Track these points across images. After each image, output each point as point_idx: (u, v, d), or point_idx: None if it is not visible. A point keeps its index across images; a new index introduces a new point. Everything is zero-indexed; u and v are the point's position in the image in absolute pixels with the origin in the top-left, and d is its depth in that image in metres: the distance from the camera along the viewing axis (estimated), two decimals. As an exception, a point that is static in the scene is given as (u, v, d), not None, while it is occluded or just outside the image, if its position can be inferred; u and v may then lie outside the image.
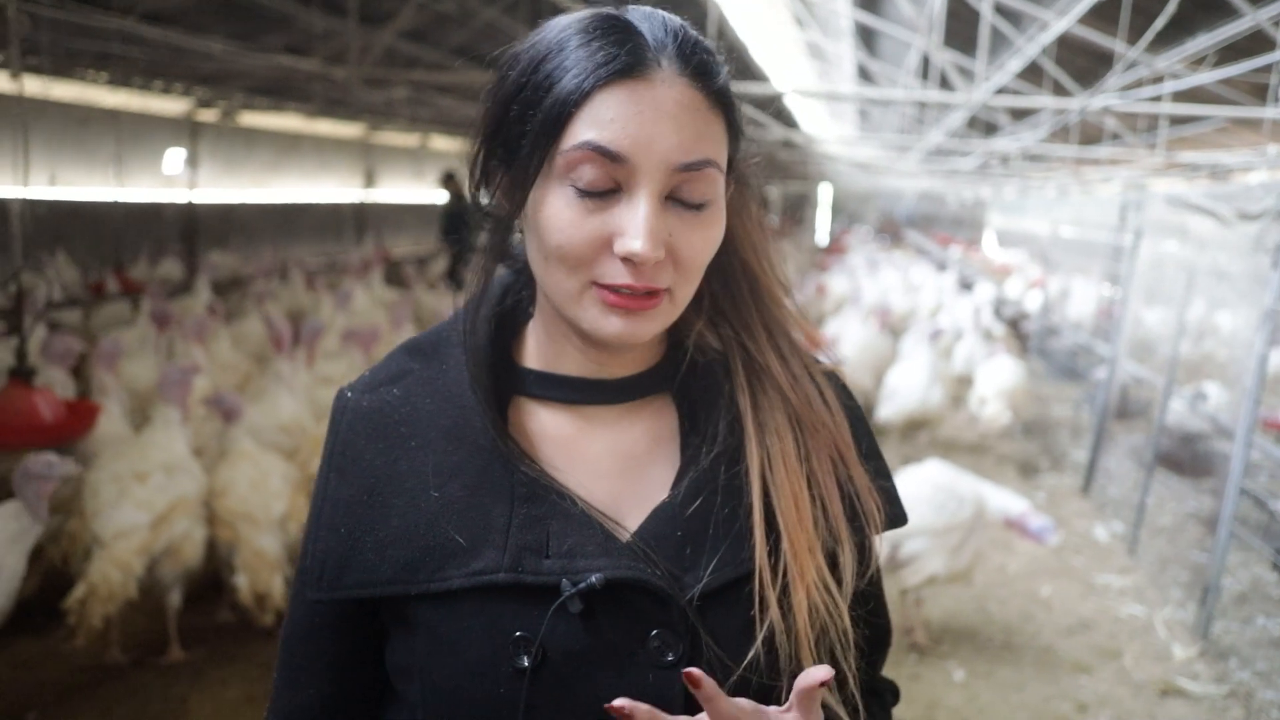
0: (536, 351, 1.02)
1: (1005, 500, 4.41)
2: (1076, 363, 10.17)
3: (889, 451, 7.14)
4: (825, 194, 33.69)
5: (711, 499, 0.95)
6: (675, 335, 1.03)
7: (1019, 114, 9.66)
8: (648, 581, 0.89)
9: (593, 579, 0.88)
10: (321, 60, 9.82)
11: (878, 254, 18.35)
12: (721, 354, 1.02)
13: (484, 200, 0.97)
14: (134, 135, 12.25)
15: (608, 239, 0.87)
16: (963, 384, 8.40)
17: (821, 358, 1.09)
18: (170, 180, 13.04)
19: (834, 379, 1.08)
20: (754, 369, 1.02)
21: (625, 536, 0.93)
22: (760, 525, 0.94)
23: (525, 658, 0.88)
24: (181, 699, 3.69)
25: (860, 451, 1.03)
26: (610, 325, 0.89)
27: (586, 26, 0.88)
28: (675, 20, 0.91)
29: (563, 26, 0.89)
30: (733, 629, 0.92)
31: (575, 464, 0.98)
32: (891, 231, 29.65)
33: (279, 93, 12.54)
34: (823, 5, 9.91)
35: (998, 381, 7.60)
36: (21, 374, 4.28)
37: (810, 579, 0.93)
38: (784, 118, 16.56)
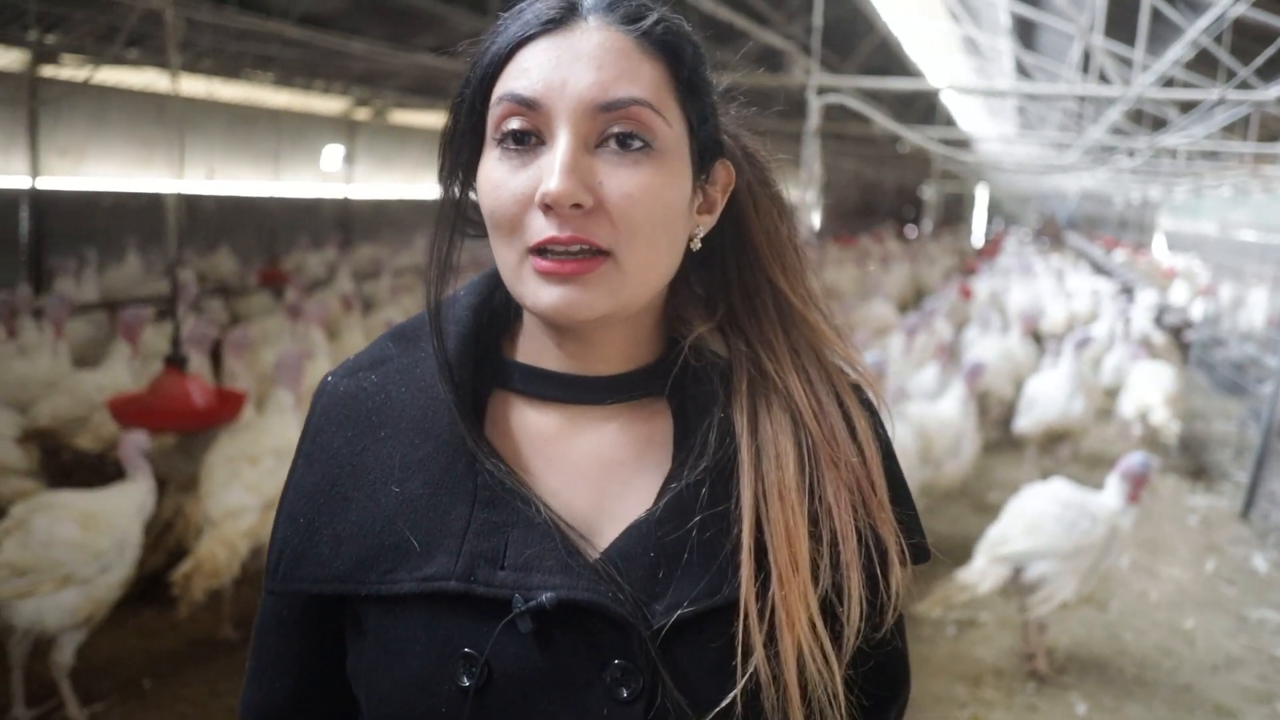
0: (525, 345, 0.95)
1: (1105, 496, 4.08)
2: (1243, 376, 9.44)
3: (1026, 466, 6.78)
4: (982, 195, 32.53)
5: (693, 520, 0.85)
6: (674, 335, 0.95)
7: (1189, 107, 9.04)
8: (606, 606, 0.81)
9: (544, 598, 0.80)
10: (466, 60, 10.05)
11: (1031, 257, 17.53)
12: (723, 360, 0.93)
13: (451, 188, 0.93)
14: (294, 133, 12.83)
15: (533, 195, 0.81)
16: (1111, 396, 7.90)
17: (855, 375, 0.98)
18: (327, 176, 13.61)
19: (869, 405, 0.97)
20: (763, 388, 0.92)
21: (594, 552, 0.85)
22: (749, 561, 0.84)
23: (467, 678, 0.81)
24: (284, 679, 3.79)
25: (891, 500, 0.92)
26: (546, 295, 0.82)
27: (523, 3, 0.86)
28: None
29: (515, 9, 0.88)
30: (702, 669, 0.83)
31: (554, 467, 0.90)
32: (1051, 234, 28.34)
33: (429, 91, 12.91)
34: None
35: (1161, 386, 7.11)
36: (176, 361, 4.48)
37: (800, 629, 0.83)
38: (939, 115, 16.05)
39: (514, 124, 0.82)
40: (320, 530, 0.88)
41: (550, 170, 0.79)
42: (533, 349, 0.94)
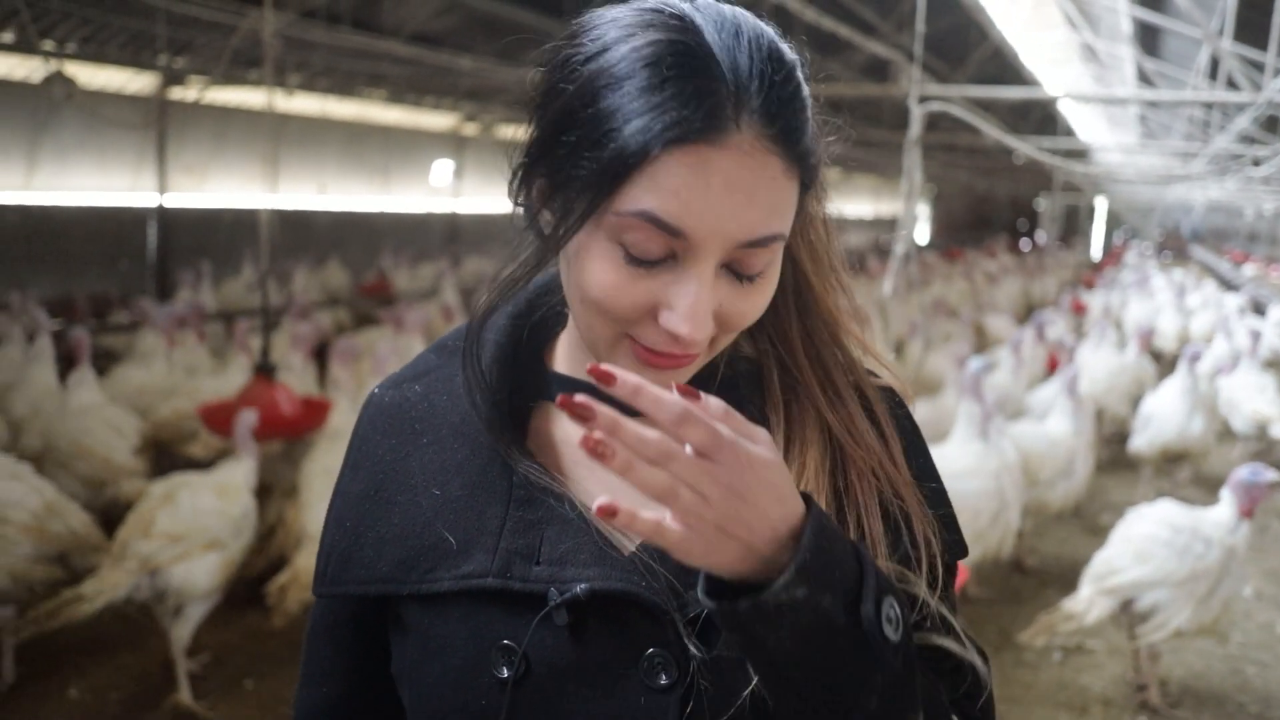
0: (566, 356, 0.95)
1: (1217, 513, 3.86)
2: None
3: (1142, 487, 6.48)
4: (1101, 207, 31.38)
5: None
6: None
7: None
8: (639, 595, 0.81)
9: (578, 589, 0.82)
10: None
11: (1150, 271, 16.82)
12: (755, 363, 0.93)
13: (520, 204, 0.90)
14: (404, 149, 13.15)
15: (653, 306, 0.79)
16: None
17: (883, 374, 0.97)
18: (436, 191, 13.92)
19: (889, 395, 0.96)
20: (788, 383, 0.92)
21: (630, 546, 0.85)
22: None
23: (506, 668, 0.83)
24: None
25: (915, 476, 0.91)
26: (639, 373, 0.80)
27: (657, 57, 0.74)
28: (758, 35, 0.78)
29: (626, 44, 0.76)
30: (735, 656, 0.81)
31: (595, 474, 0.90)
32: (1175, 247, 27.18)
33: (537, 107, 13.09)
34: (1099, 3, 9.21)
35: (1272, 394, 6.77)
36: (265, 370, 4.63)
37: None
38: (1058, 126, 15.57)
39: (646, 241, 0.76)
40: (365, 534, 0.91)
41: (685, 313, 0.77)
42: (574, 360, 0.94)
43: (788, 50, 0.80)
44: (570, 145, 0.77)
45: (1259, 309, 12.18)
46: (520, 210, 0.90)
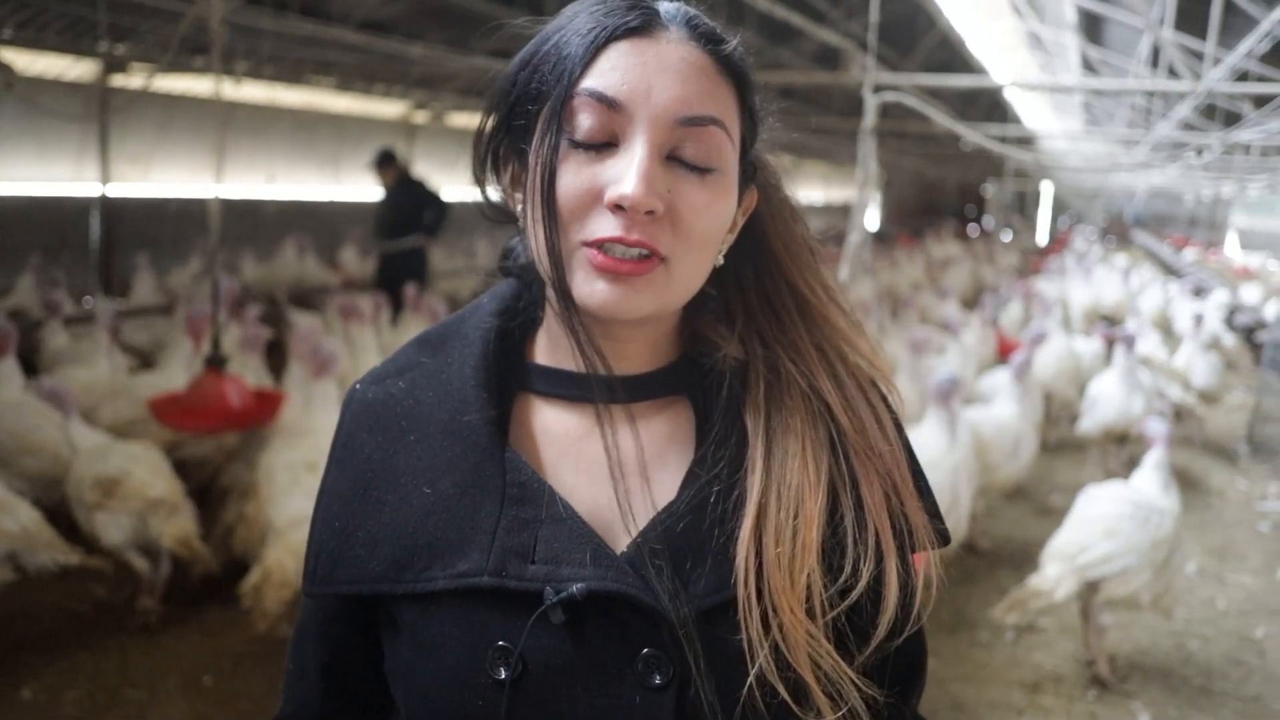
0: (546, 347, 0.97)
1: (1149, 478, 4.10)
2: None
3: (1089, 468, 6.63)
4: (1046, 192, 31.84)
5: (713, 512, 0.88)
6: (694, 335, 0.97)
7: (1264, 102, 8.74)
8: (633, 595, 0.83)
9: (574, 589, 0.83)
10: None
11: (1090, 256, 17.14)
12: (739, 361, 0.95)
13: (492, 193, 0.97)
14: (355, 137, 12.98)
15: (600, 192, 0.83)
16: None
17: (876, 378, 1.01)
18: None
19: (886, 399, 1.00)
20: (777, 388, 0.93)
21: (622, 545, 0.88)
22: (745, 554, 0.86)
23: (503, 669, 0.83)
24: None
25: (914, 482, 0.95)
26: (596, 291, 0.84)
27: (599, 3, 0.87)
28: (692, 9, 0.89)
29: (576, 5, 0.89)
30: (728, 657, 0.85)
31: (579, 465, 0.93)
32: (1119, 232, 27.69)
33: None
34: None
35: (1212, 374, 7.25)
36: (215, 362, 4.54)
37: (791, 622, 0.84)
38: (1004, 113, 15.79)
39: (588, 121, 0.82)
40: (355, 533, 0.91)
41: (629, 174, 0.81)
42: (555, 351, 0.96)
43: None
44: (525, 82, 0.86)
45: (1199, 293, 12.47)
46: (494, 197, 0.97)
